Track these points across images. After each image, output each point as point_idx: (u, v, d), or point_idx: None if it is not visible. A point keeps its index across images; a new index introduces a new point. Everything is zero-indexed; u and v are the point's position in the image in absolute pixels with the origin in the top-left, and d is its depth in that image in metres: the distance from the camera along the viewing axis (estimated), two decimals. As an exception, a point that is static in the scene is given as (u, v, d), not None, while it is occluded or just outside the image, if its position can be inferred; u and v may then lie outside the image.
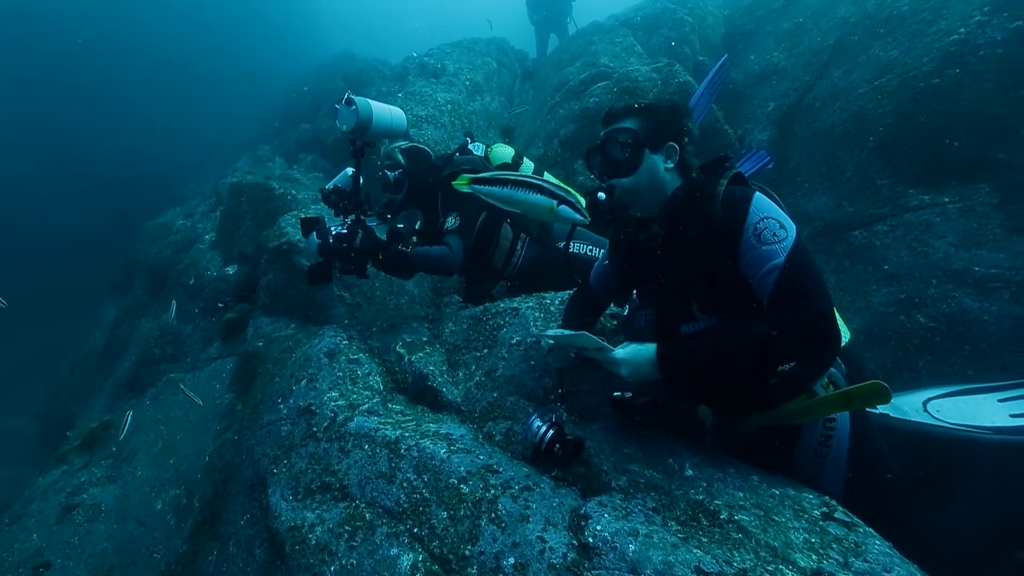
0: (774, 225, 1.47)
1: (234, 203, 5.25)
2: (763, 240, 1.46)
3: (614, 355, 1.59)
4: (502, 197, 1.77)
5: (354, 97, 2.41)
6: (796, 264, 1.42)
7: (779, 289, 1.42)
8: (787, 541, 1.47)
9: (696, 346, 1.52)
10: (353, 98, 2.40)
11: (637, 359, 1.55)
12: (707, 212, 1.58)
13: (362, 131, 2.45)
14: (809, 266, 1.44)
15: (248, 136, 11.19)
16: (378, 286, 4.03)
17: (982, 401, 2.42)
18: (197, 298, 4.86)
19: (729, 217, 1.53)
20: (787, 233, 1.45)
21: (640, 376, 1.57)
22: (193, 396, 3.78)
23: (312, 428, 2.17)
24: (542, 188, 1.69)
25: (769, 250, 1.44)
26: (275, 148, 8.48)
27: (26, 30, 17.72)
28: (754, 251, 1.47)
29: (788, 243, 1.44)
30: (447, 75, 6.24)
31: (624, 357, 1.57)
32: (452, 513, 1.60)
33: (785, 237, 1.45)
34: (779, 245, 1.44)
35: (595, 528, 1.44)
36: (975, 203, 3.06)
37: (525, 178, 1.74)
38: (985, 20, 3.23)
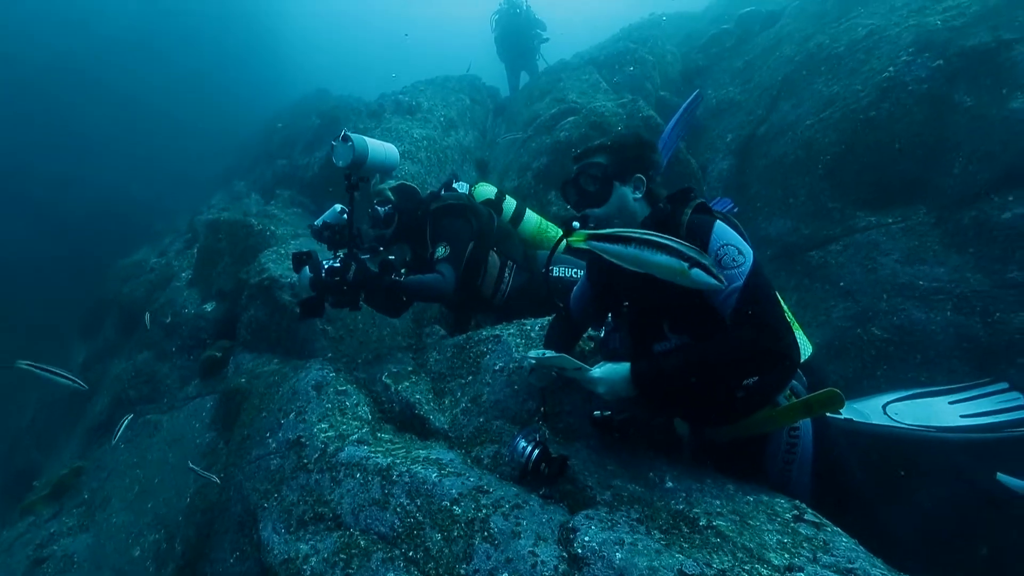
0: (733, 251, 1.63)
1: (212, 240, 5.26)
2: (724, 265, 1.61)
3: (591, 374, 1.71)
4: (625, 257, 1.56)
5: (350, 134, 2.52)
6: (753, 288, 1.58)
7: (738, 310, 1.58)
8: (762, 542, 1.58)
9: (666, 363, 1.65)
10: (349, 135, 2.52)
11: (613, 377, 1.68)
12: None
13: (357, 166, 2.56)
14: (765, 288, 1.61)
15: (219, 172, 11.18)
16: (360, 319, 4.08)
17: (935, 403, 2.63)
18: (174, 336, 4.79)
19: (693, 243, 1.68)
20: (745, 259, 1.61)
21: (616, 393, 1.70)
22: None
23: (303, 460, 2.20)
24: (670, 248, 1.49)
25: (729, 274, 1.59)
26: (250, 184, 8.51)
27: None
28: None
29: (746, 268, 1.60)
30: (422, 111, 6.46)
31: (601, 376, 1.70)
32: (446, 534, 1.66)
33: (743, 263, 1.61)
34: (738, 270, 1.60)
35: (583, 539, 1.52)
36: (915, 223, 3.34)
37: (650, 236, 1.52)
38: (911, 60, 3.60)
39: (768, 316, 1.55)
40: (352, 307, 2.69)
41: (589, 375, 1.72)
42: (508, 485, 1.84)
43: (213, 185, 9.53)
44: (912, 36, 3.68)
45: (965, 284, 3.01)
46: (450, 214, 2.86)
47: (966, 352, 2.90)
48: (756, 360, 1.58)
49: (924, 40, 3.61)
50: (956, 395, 2.66)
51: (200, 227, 6.71)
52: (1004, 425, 2.25)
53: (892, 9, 4.14)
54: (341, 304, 2.67)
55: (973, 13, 3.50)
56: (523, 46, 9.44)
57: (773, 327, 1.54)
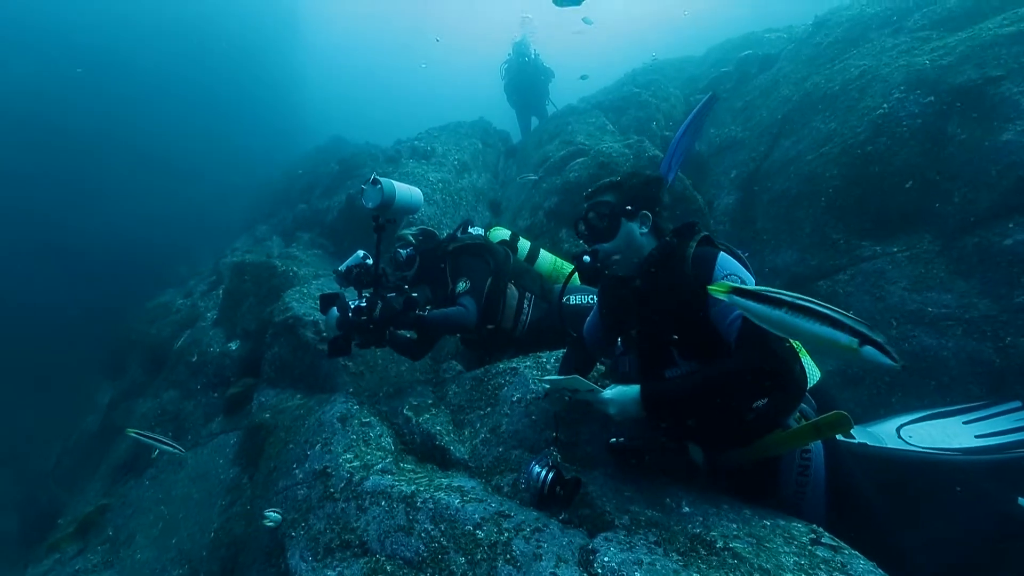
0: (736, 280, 1.74)
1: (237, 282, 5.49)
2: None
3: (603, 395, 1.80)
4: (772, 320, 1.41)
5: (379, 177, 2.72)
6: None
7: (742, 335, 1.67)
8: (778, 564, 1.61)
9: (674, 385, 1.74)
10: (379, 178, 2.71)
11: (623, 399, 1.77)
12: (679, 270, 1.86)
13: (386, 207, 2.73)
14: None
15: (241, 217, 11.68)
16: (380, 355, 4.21)
17: (950, 424, 2.62)
18: (199, 375, 4.95)
19: (698, 273, 1.80)
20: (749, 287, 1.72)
21: (627, 413, 1.77)
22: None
23: (329, 489, 2.27)
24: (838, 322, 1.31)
25: None
26: (272, 227, 8.87)
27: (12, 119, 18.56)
28: (720, 303, 1.71)
29: None
30: (436, 156, 6.78)
31: (612, 397, 1.78)
32: (470, 557, 1.72)
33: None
34: None
35: (603, 560, 1.57)
36: (920, 251, 3.42)
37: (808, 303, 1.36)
38: (903, 97, 3.78)
39: (771, 340, 1.63)
40: (378, 345, 2.81)
41: (601, 396, 1.80)
42: (528, 510, 1.90)
43: (236, 230, 9.94)
44: (903, 75, 3.87)
45: (974, 309, 3.05)
46: (467, 253, 3.02)
47: (979, 377, 2.92)
48: (760, 381, 1.66)
49: (914, 78, 3.80)
50: (970, 415, 2.65)
51: (225, 269, 6.99)
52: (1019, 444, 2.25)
53: (882, 51, 4.37)
54: (367, 344, 2.80)
55: (959, 52, 3.69)
56: (532, 93, 9.89)
57: (775, 350, 1.62)
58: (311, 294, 4.68)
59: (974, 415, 2.62)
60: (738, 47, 7.56)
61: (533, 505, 1.99)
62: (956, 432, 2.52)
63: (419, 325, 2.75)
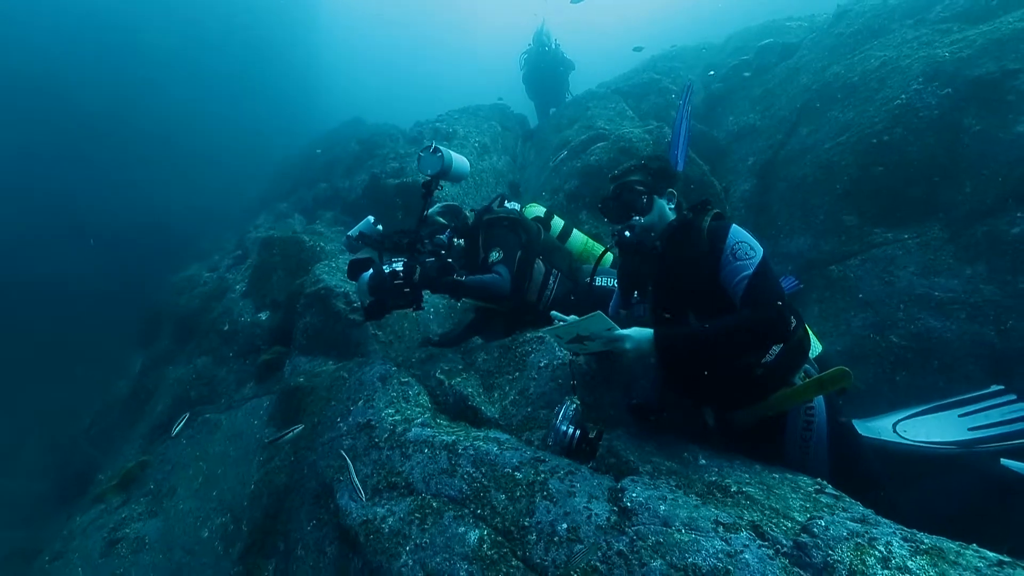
0: (746, 247, 1.98)
1: (266, 255, 5.71)
2: (737, 257, 1.96)
3: (621, 332, 1.96)
4: None
5: (439, 146, 2.89)
6: (762, 275, 1.91)
7: (748, 292, 1.90)
8: (787, 505, 1.81)
9: (685, 331, 1.95)
10: (438, 147, 2.88)
11: (640, 336, 1.95)
12: (696, 240, 2.10)
13: (443, 174, 2.91)
14: (771, 276, 1.95)
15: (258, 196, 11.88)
16: (407, 326, 4.43)
17: (945, 417, 2.76)
18: (231, 343, 5.20)
19: (712, 242, 2.05)
20: (756, 253, 1.96)
21: (641, 351, 1.95)
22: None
23: (374, 439, 2.49)
24: None
25: (742, 264, 1.93)
26: (292, 205, 9.07)
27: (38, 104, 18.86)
28: (731, 265, 1.95)
29: (756, 260, 1.94)
30: (458, 138, 6.92)
31: (629, 334, 1.95)
32: (510, 495, 1.93)
33: (754, 256, 1.95)
34: (749, 261, 1.93)
35: (631, 495, 1.78)
36: (929, 238, 3.56)
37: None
38: (921, 88, 3.87)
39: (772, 297, 1.87)
40: (416, 307, 2.98)
41: (619, 333, 1.96)
42: (561, 458, 2.10)
43: (255, 207, 10.15)
44: (922, 67, 3.96)
45: (978, 294, 3.20)
46: (500, 225, 3.18)
47: (980, 358, 3.08)
48: (762, 331, 1.87)
49: (933, 70, 3.88)
50: (965, 407, 2.79)
51: (251, 244, 7.22)
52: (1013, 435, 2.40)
53: (903, 42, 4.44)
54: (401, 306, 2.97)
55: (979, 46, 3.77)
56: (552, 84, 9.80)
57: (776, 307, 1.85)
58: (340, 268, 4.88)
59: (970, 407, 2.75)
60: (758, 35, 7.58)
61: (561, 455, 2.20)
62: (951, 425, 2.66)
63: (456, 290, 2.92)
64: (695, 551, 1.54)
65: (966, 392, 2.88)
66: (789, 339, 1.97)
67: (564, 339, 2.20)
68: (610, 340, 2.01)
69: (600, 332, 2.02)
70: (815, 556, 1.47)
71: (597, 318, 1.98)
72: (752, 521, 1.65)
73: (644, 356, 2.00)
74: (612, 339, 2.00)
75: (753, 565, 1.46)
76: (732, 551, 1.52)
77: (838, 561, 1.43)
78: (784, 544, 1.55)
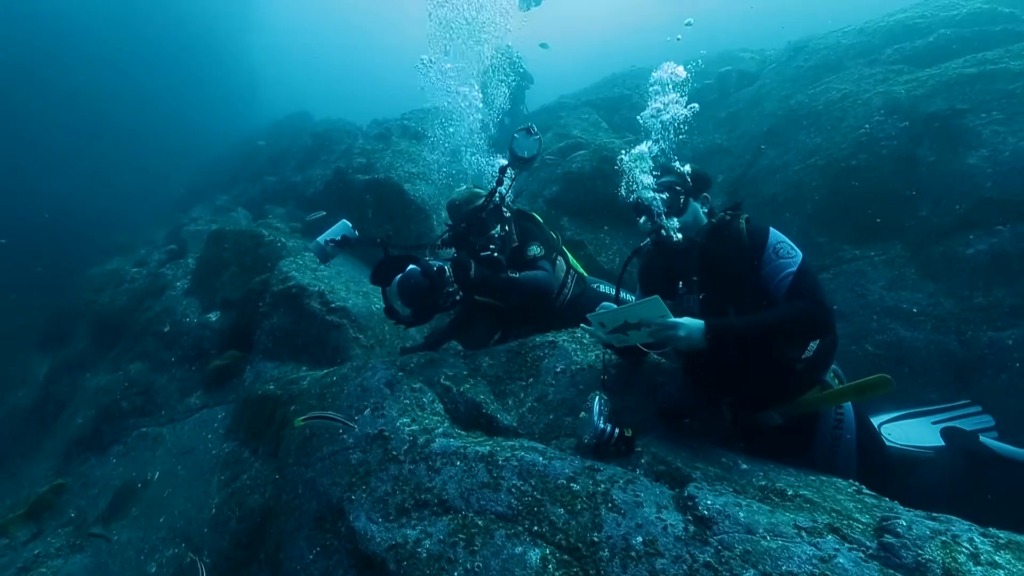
0: (787, 247, 2.07)
1: (215, 250, 5.13)
2: (780, 255, 2.05)
3: (675, 320, 1.90)
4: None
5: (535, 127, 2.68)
6: (805, 273, 2.00)
7: (793, 288, 1.97)
8: (843, 507, 1.82)
9: (737, 321, 1.94)
10: (534, 128, 2.67)
11: (692, 325, 1.90)
12: (735, 238, 2.17)
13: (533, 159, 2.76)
14: (814, 275, 2.05)
15: (190, 188, 10.82)
16: (388, 330, 4.14)
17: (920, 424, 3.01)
18: (174, 346, 4.59)
19: (753, 241, 2.12)
20: (797, 253, 2.06)
21: (692, 341, 1.90)
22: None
23: (391, 452, 2.24)
24: None
25: (785, 262, 2.02)
26: (234, 199, 8.33)
27: None
28: (773, 263, 2.03)
29: (798, 259, 2.03)
30: (429, 137, 6.68)
31: (683, 322, 1.91)
32: (569, 508, 1.79)
33: (796, 255, 2.05)
34: (791, 259, 2.02)
35: (706, 503, 1.70)
36: (893, 256, 3.88)
37: None
38: (883, 120, 4.26)
39: (819, 294, 1.96)
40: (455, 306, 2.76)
41: (672, 320, 1.90)
42: (614, 465, 1.99)
43: (187, 199, 9.21)
44: (882, 101, 4.36)
45: (940, 308, 3.52)
46: (531, 220, 3.05)
47: (946, 365, 3.37)
48: (810, 323, 1.94)
49: (892, 104, 4.29)
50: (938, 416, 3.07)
51: (189, 237, 6.49)
52: None
53: (860, 78, 4.88)
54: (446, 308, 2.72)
55: (930, 86, 4.21)
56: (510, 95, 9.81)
57: (823, 302, 1.94)
58: (308, 265, 4.49)
59: (941, 416, 3.03)
60: (715, 62, 8.06)
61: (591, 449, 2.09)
62: (927, 431, 2.89)
63: (509, 288, 2.73)
64: (787, 558, 1.49)
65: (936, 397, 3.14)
66: (832, 333, 2.02)
67: (607, 327, 2.10)
68: (663, 328, 1.93)
69: (653, 319, 1.93)
70: (905, 556, 1.47)
71: (653, 303, 1.90)
72: (828, 524, 1.64)
73: (694, 346, 1.96)
74: (665, 326, 1.92)
75: (850, 569, 1.44)
76: (824, 556, 1.49)
77: (931, 560, 1.43)
78: (868, 546, 1.54)
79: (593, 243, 4.82)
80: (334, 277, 4.43)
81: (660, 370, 2.74)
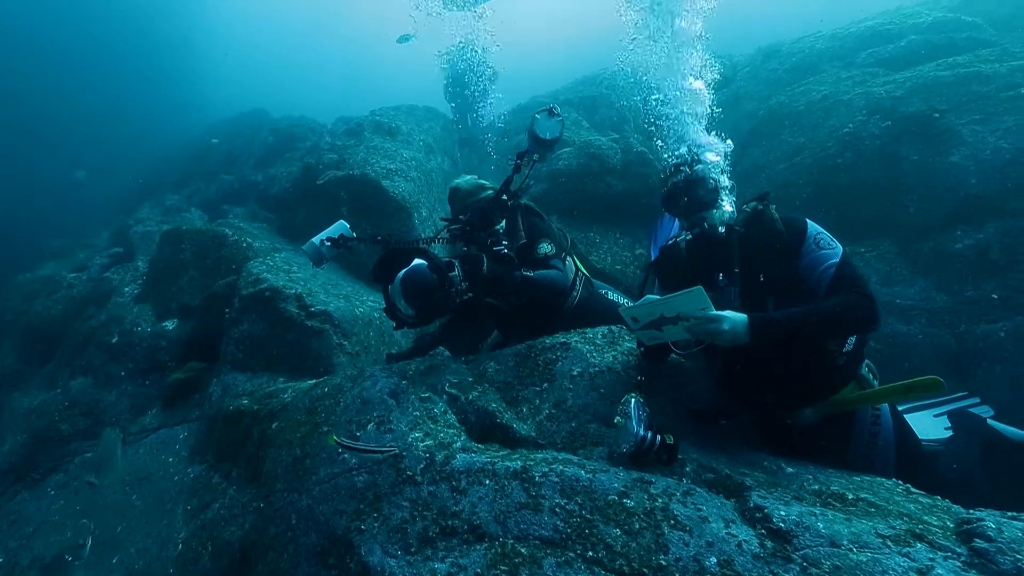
0: (828, 237, 2.00)
1: (171, 252, 4.63)
2: (821, 246, 1.96)
3: (718, 313, 1.74)
4: None
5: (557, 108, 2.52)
6: (849, 264, 1.93)
7: (838, 279, 1.88)
8: (908, 510, 1.71)
9: (782, 315, 1.82)
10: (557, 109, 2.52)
11: (736, 319, 1.75)
12: (770, 227, 2.09)
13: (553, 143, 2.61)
14: (856, 266, 1.97)
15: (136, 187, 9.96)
16: (372, 335, 3.82)
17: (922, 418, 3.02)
18: (123, 359, 4.07)
19: (791, 230, 2.04)
20: (837, 244, 1.99)
21: (736, 335, 1.76)
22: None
23: (406, 472, 1.96)
24: None
25: (827, 253, 1.94)
26: (186, 198, 7.69)
27: None
28: (814, 254, 1.95)
29: (840, 250, 1.96)
30: (402, 134, 6.38)
31: (726, 315, 1.75)
32: (626, 528, 1.58)
33: (837, 246, 1.98)
34: (833, 250, 1.95)
35: (779, 514, 1.54)
36: (883, 251, 3.94)
37: None
38: (865, 119, 4.35)
39: (865, 287, 1.88)
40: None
41: (716, 314, 1.74)
42: (666, 477, 1.81)
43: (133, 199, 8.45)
44: (863, 101, 4.46)
45: (933, 302, 3.58)
46: (539, 216, 2.84)
47: (944, 359, 3.42)
48: (859, 316, 1.84)
49: (873, 105, 4.39)
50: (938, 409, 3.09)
51: (137, 239, 5.88)
52: None
53: (839, 80, 5.00)
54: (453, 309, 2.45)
55: (908, 87, 4.34)
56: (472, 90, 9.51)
57: (869, 293, 1.86)
58: (280, 267, 4.10)
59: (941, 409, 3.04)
60: (684, 67, 8.17)
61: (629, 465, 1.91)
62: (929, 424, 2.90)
63: (523, 287, 2.49)
64: (881, 572, 1.35)
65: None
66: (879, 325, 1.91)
67: (641, 321, 1.92)
68: (705, 321, 1.76)
69: (694, 312, 1.76)
70: (1003, 562, 1.36)
71: (696, 294, 1.73)
72: (908, 530, 1.51)
73: (738, 341, 1.80)
74: (708, 320, 1.75)
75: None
76: (922, 567, 1.35)
77: (1034, 565, 1.33)
78: (959, 552, 1.42)
79: (583, 242, 4.68)
80: (310, 279, 4.06)
81: (681, 370, 2.60)
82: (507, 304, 2.96)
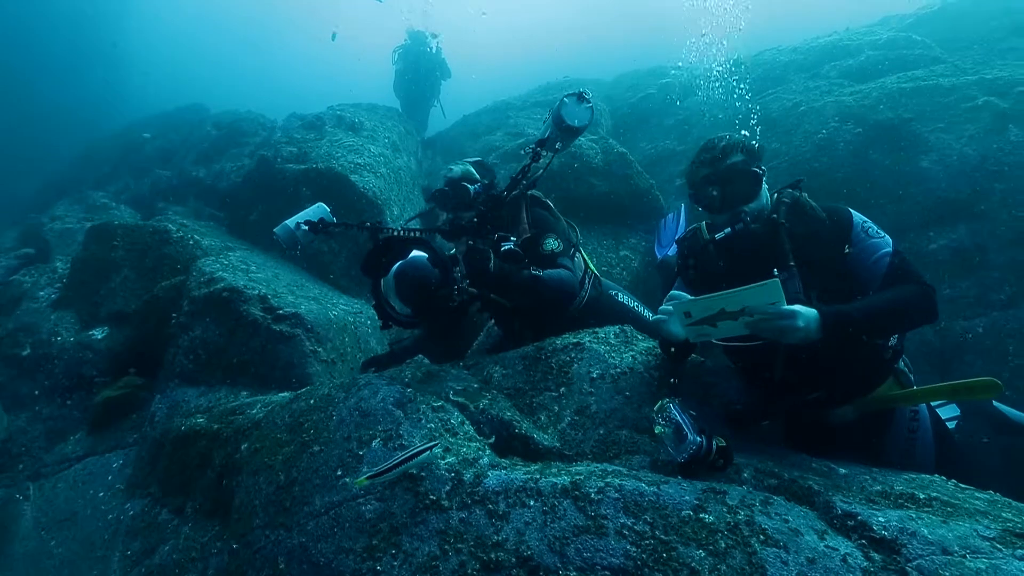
0: (875, 226, 1.90)
1: (99, 249, 3.98)
2: (871, 235, 1.87)
3: (790, 308, 1.57)
4: None
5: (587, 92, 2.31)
6: (902, 254, 1.85)
7: (894, 269, 1.80)
8: (974, 505, 1.61)
9: (852, 309, 1.67)
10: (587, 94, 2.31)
11: (809, 314, 1.58)
12: (811, 216, 1.96)
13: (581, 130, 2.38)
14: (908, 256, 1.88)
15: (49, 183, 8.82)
16: (348, 341, 3.42)
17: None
18: (37, 375, 3.40)
19: (835, 219, 1.93)
20: (885, 233, 1.89)
21: (809, 333, 1.59)
22: None
23: (428, 496, 1.64)
24: None
25: (878, 242, 1.85)
26: (113, 195, 6.83)
27: None
28: (865, 242, 1.86)
29: (889, 239, 1.86)
30: (366, 130, 5.98)
31: (798, 310, 1.57)
32: (710, 548, 1.36)
33: (885, 235, 1.88)
34: (883, 239, 1.86)
35: (877, 520, 1.38)
36: (862, 252, 4.03)
37: None
38: (838, 126, 4.49)
39: (920, 274, 1.81)
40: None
41: (788, 308, 1.56)
42: (737, 485, 1.60)
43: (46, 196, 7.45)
44: (834, 109, 4.62)
45: (913, 300, 3.67)
46: (546, 208, 2.60)
47: (927, 354, 3.50)
48: (926, 307, 1.76)
49: (844, 113, 4.55)
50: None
51: (54, 238, 5.09)
52: None
53: (807, 89, 5.18)
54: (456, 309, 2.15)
55: (875, 97, 4.54)
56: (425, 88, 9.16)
57: (931, 286, 1.78)
58: (236, 266, 3.61)
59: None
60: (647, 77, 8.32)
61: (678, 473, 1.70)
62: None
63: (531, 287, 2.22)
64: (1007, 583, 1.20)
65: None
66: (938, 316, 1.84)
67: (695, 316, 1.69)
68: (775, 317, 1.56)
69: (762, 306, 1.57)
70: (1114, 561, 1.26)
71: (772, 287, 1.53)
72: (1007, 530, 1.39)
73: (810, 338, 1.64)
74: (780, 315, 1.56)
75: (1086, 588, 1.18)
76: (1046, 574, 1.22)
77: None
78: (1071, 554, 1.31)
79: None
80: (273, 280, 3.60)
81: (705, 370, 2.44)
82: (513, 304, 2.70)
